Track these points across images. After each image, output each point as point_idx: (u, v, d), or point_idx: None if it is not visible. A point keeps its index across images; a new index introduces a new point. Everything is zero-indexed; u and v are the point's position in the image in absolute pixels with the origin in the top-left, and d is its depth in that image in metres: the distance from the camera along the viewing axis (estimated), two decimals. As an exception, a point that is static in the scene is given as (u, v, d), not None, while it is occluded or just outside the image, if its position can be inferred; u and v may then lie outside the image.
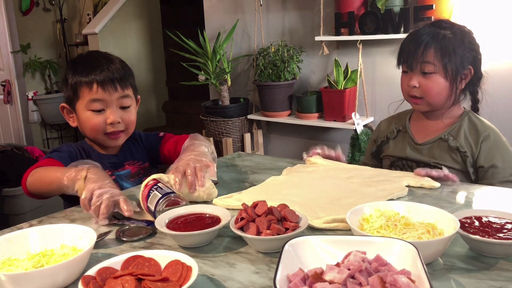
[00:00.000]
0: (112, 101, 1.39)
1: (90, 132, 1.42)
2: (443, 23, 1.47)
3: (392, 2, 2.57)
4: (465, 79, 1.45)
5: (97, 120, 1.39)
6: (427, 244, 0.83)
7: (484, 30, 2.43)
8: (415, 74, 1.45)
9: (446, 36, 1.42)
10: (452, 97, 1.45)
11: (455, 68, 1.42)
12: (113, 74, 1.39)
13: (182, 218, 1.03)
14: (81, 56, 1.48)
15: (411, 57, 1.45)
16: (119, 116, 1.40)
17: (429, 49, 1.41)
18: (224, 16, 3.49)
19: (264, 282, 0.83)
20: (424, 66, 1.42)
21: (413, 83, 1.45)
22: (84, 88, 1.38)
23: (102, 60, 1.42)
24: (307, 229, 1.01)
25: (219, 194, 1.23)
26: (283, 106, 3.14)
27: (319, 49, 2.93)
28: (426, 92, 1.44)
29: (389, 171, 1.36)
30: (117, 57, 1.48)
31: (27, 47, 4.77)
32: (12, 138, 4.90)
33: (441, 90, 1.43)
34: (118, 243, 1.02)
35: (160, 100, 4.87)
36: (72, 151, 1.44)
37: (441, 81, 1.43)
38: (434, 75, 1.42)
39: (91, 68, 1.39)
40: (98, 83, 1.37)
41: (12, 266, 0.87)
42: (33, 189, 1.30)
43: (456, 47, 1.42)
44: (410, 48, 1.45)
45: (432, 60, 1.41)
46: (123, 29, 4.48)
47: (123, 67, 1.44)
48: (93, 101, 1.38)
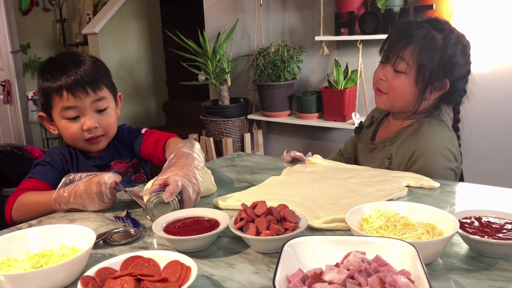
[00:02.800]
0: (86, 107, 1.34)
1: (70, 141, 1.39)
2: (440, 24, 1.35)
3: (392, 2, 2.57)
4: (437, 91, 1.35)
5: (74, 129, 1.35)
6: (427, 245, 0.83)
7: (484, 30, 2.43)
8: (387, 67, 1.36)
9: (435, 38, 1.31)
10: (416, 105, 1.35)
11: (428, 76, 1.31)
12: (82, 78, 1.32)
13: (180, 222, 1.00)
14: (50, 61, 1.41)
15: (389, 48, 1.36)
16: (95, 121, 1.35)
17: (408, 46, 1.32)
18: (224, 16, 3.49)
19: (264, 283, 0.83)
20: (398, 62, 1.33)
21: (381, 76, 1.38)
22: (55, 96, 1.33)
23: (70, 63, 1.34)
24: (307, 230, 1.01)
25: (219, 194, 1.23)
26: (283, 106, 3.14)
27: (319, 49, 2.93)
28: (391, 89, 1.36)
29: (389, 171, 1.36)
30: (88, 56, 1.41)
31: (27, 47, 4.77)
32: (12, 138, 4.90)
33: (406, 94, 1.34)
34: (107, 246, 1.01)
35: (160, 100, 4.87)
36: (57, 159, 1.41)
37: (409, 84, 1.33)
38: (405, 75, 1.33)
39: (59, 73, 1.32)
40: (68, 89, 1.31)
41: (11, 267, 0.87)
42: (22, 220, 1.24)
43: (439, 54, 1.30)
44: (393, 38, 1.36)
45: (408, 58, 1.32)
46: (123, 29, 4.48)
47: (93, 68, 1.36)
48: (66, 109, 1.33)
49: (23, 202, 1.26)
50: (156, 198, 1.07)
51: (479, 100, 2.40)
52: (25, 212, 1.25)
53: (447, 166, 1.33)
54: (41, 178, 1.34)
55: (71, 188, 1.18)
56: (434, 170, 1.31)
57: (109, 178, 1.16)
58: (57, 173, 1.38)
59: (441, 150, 1.33)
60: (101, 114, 1.38)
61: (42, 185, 1.33)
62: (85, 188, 1.16)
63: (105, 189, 1.15)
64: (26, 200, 1.26)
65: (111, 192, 1.17)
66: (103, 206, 1.18)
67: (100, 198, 1.16)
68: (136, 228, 1.06)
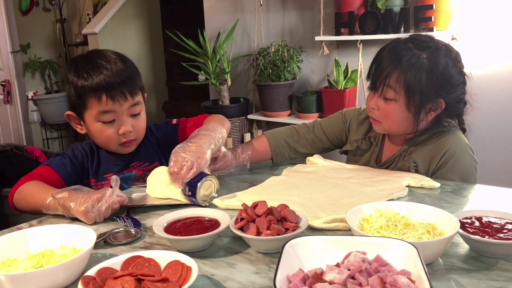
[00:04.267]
0: (123, 112, 1.33)
1: (102, 143, 1.39)
2: (425, 43, 1.28)
3: (392, 2, 2.57)
4: (434, 111, 1.30)
5: (109, 133, 1.34)
6: (427, 244, 0.83)
7: (484, 31, 2.43)
8: (376, 95, 1.32)
9: (420, 59, 1.25)
10: (415, 128, 1.31)
11: (418, 100, 1.26)
12: (122, 82, 1.31)
13: (180, 222, 1.01)
14: (83, 58, 1.38)
15: (375, 76, 1.31)
16: (130, 125, 1.35)
17: (393, 73, 1.26)
18: (224, 16, 3.49)
19: (264, 283, 0.83)
20: (386, 90, 1.28)
21: (371, 105, 1.33)
22: (92, 98, 1.31)
23: (106, 64, 1.32)
24: (307, 229, 1.01)
25: (220, 195, 1.23)
26: (283, 106, 3.14)
27: (319, 49, 2.92)
28: (384, 118, 1.32)
29: (389, 171, 1.36)
30: (121, 55, 1.39)
31: (27, 47, 4.76)
32: (12, 138, 4.89)
33: (401, 120, 1.30)
34: (108, 246, 1.01)
35: (160, 100, 4.87)
36: (78, 155, 1.40)
37: (401, 111, 1.28)
38: (395, 102, 1.28)
39: (96, 74, 1.30)
40: (107, 94, 1.30)
41: (12, 267, 0.87)
42: (20, 207, 1.27)
43: (427, 75, 1.24)
44: (377, 64, 1.31)
45: (395, 86, 1.26)
46: (123, 29, 4.48)
47: (131, 71, 1.35)
48: (103, 113, 1.32)
49: (26, 188, 1.25)
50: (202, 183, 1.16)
51: (479, 100, 2.39)
52: (24, 199, 1.24)
53: (474, 165, 1.33)
54: (57, 169, 1.34)
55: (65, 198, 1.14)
56: (466, 169, 1.30)
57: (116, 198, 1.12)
58: (75, 169, 1.38)
59: (467, 149, 1.32)
60: (134, 118, 1.37)
61: (55, 177, 1.33)
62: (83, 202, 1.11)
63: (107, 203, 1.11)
64: (30, 188, 1.24)
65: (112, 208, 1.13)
66: (93, 220, 1.12)
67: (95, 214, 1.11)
68: (137, 228, 1.06)
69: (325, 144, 1.54)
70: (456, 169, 1.30)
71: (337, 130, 1.54)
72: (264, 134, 1.53)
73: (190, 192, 1.17)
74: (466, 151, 1.32)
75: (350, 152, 1.52)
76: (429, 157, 1.33)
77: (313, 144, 1.53)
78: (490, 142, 2.48)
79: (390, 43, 1.35)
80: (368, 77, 1.36)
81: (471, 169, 1.32)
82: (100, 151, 1.44)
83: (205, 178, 1.18)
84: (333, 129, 1.54)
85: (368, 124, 1.46)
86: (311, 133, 1.54)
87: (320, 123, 1.55)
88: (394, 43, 1.33)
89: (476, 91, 1.35)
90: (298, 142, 1.53)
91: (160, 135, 1.54)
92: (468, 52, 2.45)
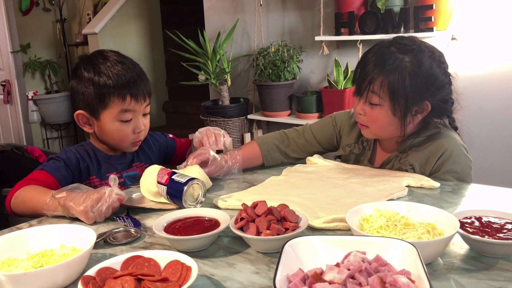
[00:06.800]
0: (140, 111, 1.39)
1: (116, 141, 1.40)
2: (407, 47, 1.26)
3: (392, 2, 2.57)
4: (421, 113, 1.29)
5: (127, 131, 1.37)
6: (427, 244, 0.83)
7: (484, 31, 2.43)
8: (362, 101, 1.31)
9: (402, 63, 1.24)
10: (402, 131, 1.30)
11: (403, 104, 1.25)
12: (143, 82, 1.37)
13: (180, 222, 1.01)
14: (98, 57, 1.38)
15: (359, 82, 1.30)
16: (142, 124, 1.40)
17: (377, 79, 1.25)
18: (224, 16, 3.49)
19: (264, 282, 0.83)
20: (371, 96, 1.27)
21: (358, 111, 1.33)
22: (116, 99, 1.33)
23: (126, 63, 1.37)
24: (307, 229, 1.01)
25: (219, 194, 1.23)
26: (283, 106, 3.14)
27: (319, 49, 2.93)
28: (371, 123, 1.32)
29: (389, 171, 1.36)
30: (130, 58, 1.42)
31: (27, 47, 4.76)
32: (12, 138, 4.90)
33: (387, 124, 1.30)
34: (107, 246, 1.01)
35: (160, 100, 4.87)
36: (72, 157, 1.40)
37: (386, 115, 1.28)
38: (380, 107, 1.27)
39: (120, 73, 1.33)
40: (131, 93, 1.34)
41: (12, 266, 0.87)
42: (18, 211, 1.26)
43: (410, 79, 1.23)
44: (361, 70, 1.30)
45: (379, 92, 1.26)
46: (123, 29, 4.48)
47: (143, 73, 1.41)
48: (124, 112, 1.35)
49: (24, 192, 1.25)
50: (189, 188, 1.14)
51: (479, 100, 2.39)
52: (23, 203, 1.24)
53: (469, 164, 1.34)
54: (51, 173, 1.34)
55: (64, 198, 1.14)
56: (462, 169, 1.30)
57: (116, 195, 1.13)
58: (69, 171, 1.38)
59: (462, 150, 1.32)
60: (145, 117, 1.42)
61: (50, 180, 1.33)
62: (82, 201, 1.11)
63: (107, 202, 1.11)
64: (27, 192, 1.24)
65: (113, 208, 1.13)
66: (93, 220, 1.12)
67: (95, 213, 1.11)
68: (137, 227, 1.06)
69: (316, 148, 1.53)
70: (452, 170, 1.30)
71: (327, 135, 1.53)
72: (254, 140, 1.54)
73: (176, 194, 1.14)
74: (461, 151, 1.32)
75: (344, 156, 1.51)
76: (425, 159, 1.33)
77: (304, 148, 1.53)
78: (491, 142, 2.48)
79: (374, 46, 1.33)
80: (353, 82, 1.36)
81: (467, 169, 1.33)
82: (97, 153, 1.44)
83: (192, 181, 1.15)
84: (324, 133, 1.53)
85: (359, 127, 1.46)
86: (302, 137, 1.53)
87: (311, 128, 1.55)
88: (377, 47, 1.31)
89: (476, 91, 1.35)
90: (289, 147, 1.52)
91: (162, 141, 1.59)
92: (468, 52, 2.46)
